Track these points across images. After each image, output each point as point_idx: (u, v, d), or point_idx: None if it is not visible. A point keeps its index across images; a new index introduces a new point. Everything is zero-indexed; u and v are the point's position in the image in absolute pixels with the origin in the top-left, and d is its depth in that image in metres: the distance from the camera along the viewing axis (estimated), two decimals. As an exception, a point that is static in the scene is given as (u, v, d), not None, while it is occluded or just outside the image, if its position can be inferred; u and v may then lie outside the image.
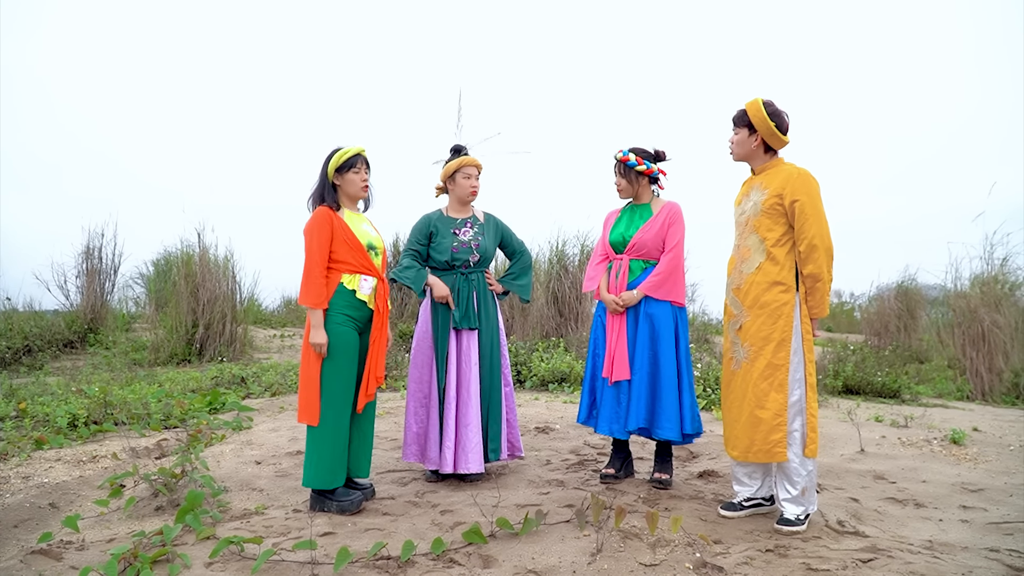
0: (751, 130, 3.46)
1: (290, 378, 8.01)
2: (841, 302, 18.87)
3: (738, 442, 3.46)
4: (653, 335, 3.92)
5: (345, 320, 3.60)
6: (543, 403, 7.01)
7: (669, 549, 2.98)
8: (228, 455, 4.72)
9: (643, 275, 3.99)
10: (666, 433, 3.83)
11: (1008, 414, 6.90)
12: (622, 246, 4.06)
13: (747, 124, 3.47)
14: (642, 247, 4.00)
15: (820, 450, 4.84)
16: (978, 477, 4.37)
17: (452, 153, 4.31)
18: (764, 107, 3.40)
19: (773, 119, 3.40)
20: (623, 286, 3.98)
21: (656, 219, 4.02)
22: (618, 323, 3.98)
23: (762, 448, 3.35)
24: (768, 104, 3.42)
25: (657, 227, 4.00)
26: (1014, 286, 9.02)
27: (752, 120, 3.43)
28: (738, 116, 3.51)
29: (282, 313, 15.30)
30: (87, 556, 2.98)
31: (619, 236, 4.08)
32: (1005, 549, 3.11)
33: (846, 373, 8.06)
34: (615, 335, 3.97)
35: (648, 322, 3.93)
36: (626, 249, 4.04)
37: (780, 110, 3.45)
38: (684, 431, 3.86)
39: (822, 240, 3.28)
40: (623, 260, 4.03)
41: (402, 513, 3.57)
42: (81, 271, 11.58)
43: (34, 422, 5.32)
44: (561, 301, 10.98)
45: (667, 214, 4.02)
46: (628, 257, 4.03)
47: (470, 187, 4.22)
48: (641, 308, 3.96)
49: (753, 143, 3.48)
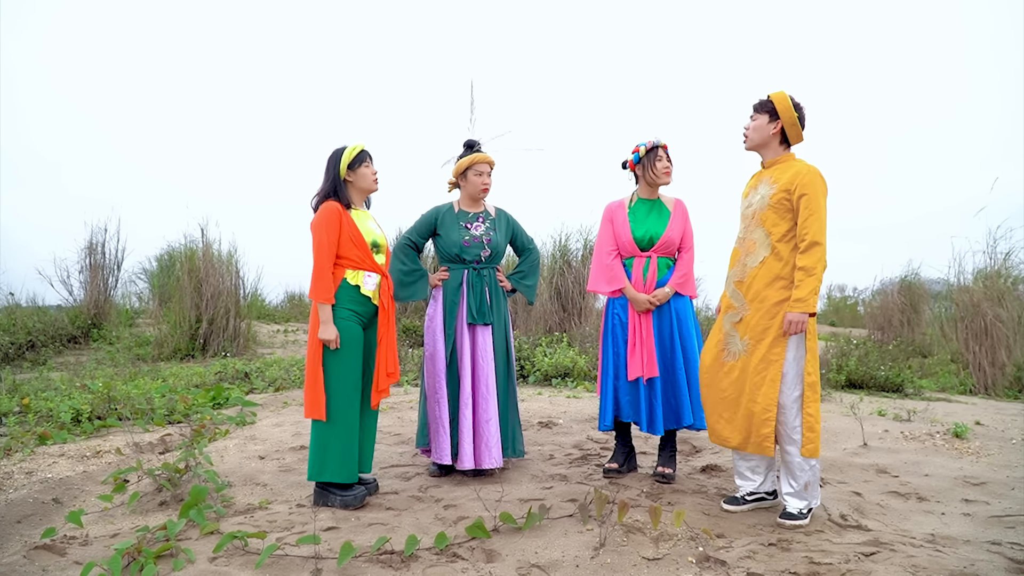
0: (772, 117, 3.45)
1: (294, 373, 8.02)
2: (844, 296, 18.86)
3: (736, 432, 3.46)
4: (682, 331, 4.01)
5: (349, 315, 3.60)
6: (546, 398, 7.01)
7: (672, 543, 2.99)
8: (232, 450, 4.73)
9: (669, 272, 4.05)
10: (701, 422, 3.94)
11: (1011, 408, 6.89)
12: (650, 244, 4.05)
13: (770, 111, 3.45)
14: (669, 245, 4.05)
15: (823, 444, 4.84)
16: (980, 471, 4.37)
17: (465, 148, 4.29)
18: (790, 99, 3.43)
19: (797, 111, 3.42)
20: (652, 284, 4.00)
21: (676, 217, 4.09)
22: (646, 321, 3.99)
23: (755, 441, 3.37)
24: (793, 98, 3.44)
25: (679, 224, 4.08)
26: (1017, 280, 9.01)
27: (777, 107, 3.42)
28: (760, 103, 3.49)
29: (285, 308, 15.32)
30: (91, 551, 2.99)
31: (646, 234, 4.05)
32: (1007, 542, 3.11)
33: (849, 367, 8.05)
34: (644, 333, 3.98)
35: (675, 317, 4.00)
36: (655, 247, 4.04)
37: (801, 105, 3.46)
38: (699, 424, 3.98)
39: (822, 237, 3.27)
40: (651, 257, 4.04)
41: (405, 508, 3.58)
42: (84, 266, 11.60)
43: (37, 417, 5.33)
44: (564, 296, 10.97)
45: (683, 212, 4.14)
46: (656, 255, 4.04)
47: (481, 184, 4.19)
48: (669, 304, 4.03)
49: (772, 131, 3.46)
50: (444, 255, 4.24)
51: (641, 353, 3.95)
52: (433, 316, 4.20)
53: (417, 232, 4.29)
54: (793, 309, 3.26)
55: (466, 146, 4.29)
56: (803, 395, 3.33)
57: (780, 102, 3.42)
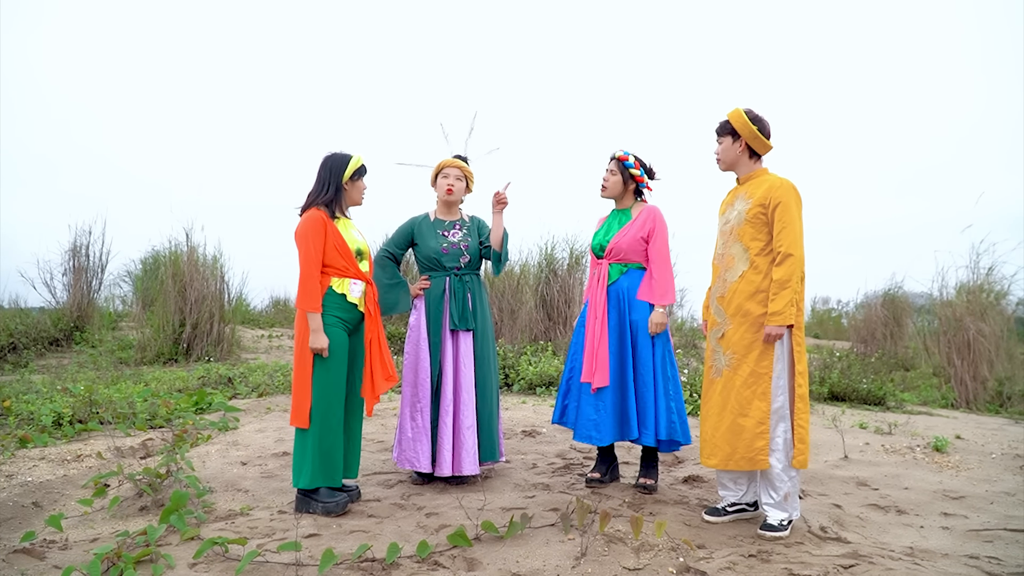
0: (734, 137, 3.52)
1: (277, 379, 7.99)
2: (828, 309, 18.97)
3: (717, 450, 3.47)
4: (634, 340, 3.98)
5: (336, 322, 3.61)
6: (530, 407, 7.02)
7: (653, 553, 3.00)
8: (214, 455, 4.71)
9: (623, 279, 4.04)
10: (645, 438, 3.88)
11: (991, 422, 6.96)
12: (602, 251, 4.11)
13: (730, 132, 3.53)
14: (619, 252, 4.05)
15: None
16: (960, 484, 4.41)
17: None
18: (745, 114, 3.47)
19: (755, 123, 3.47)
20: (603, 289, 4.03)
21: (634, 223, 4.08)
22: (600, 327, 4.00)
23: (745, 456, 3.37)
24: (748, 111, 3.49)
25: (634, 231, 4.05)
26: (999, 295, 9.09)
27: (734, 126, 3.50)
28: (720, 126, 3.58)
29: (270, 313, 15.26)
30: (70, 556, 2.97)
31: (597, 242, 4.15)
32: (985, 556, 3.14)
33: (832, 380, 8.10)
34: (597, 339, 3.98)
35: (629, 326, 3.99)
36: (605, 254, 4.08)
37: (761, 116, 3.50)
38: (659, 436, 3.89)
39: (796, 248, 3.31)
40: (603, 264, 4.09)
41: (387, 515, 3.57)
42: (68, 268, 11.50)
43: (18, 420, 5.29)
44: (550, 305, 10.98)
45: (646, 217, 4.08)
46: (607, 261, 4.08)
47: (446, 187, 4.23)
48: (627, 314, 4.00)
49: (738, 149, 3.53)
50: (424, 264, 4.27)
51: (595, 360, 3.96)
52: (416, 325, 4.20)
53: (394, 243, 4.33)
54: (770, 323, 3.30)
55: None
56: (794, 407, 3.35)
57: (736, 120, 3.49)
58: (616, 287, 4.04)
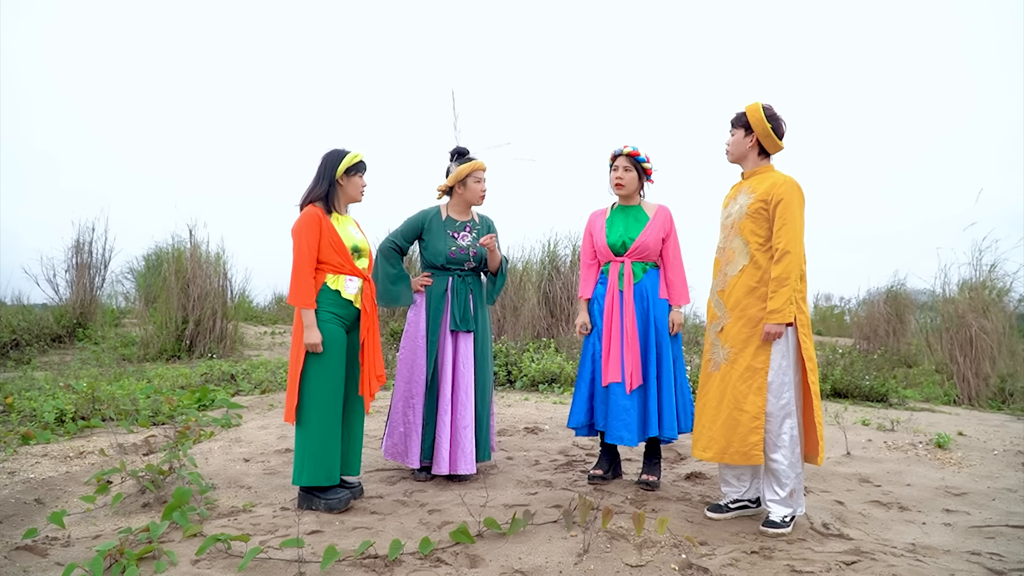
0: (747, 131, 3.51)
1: (280, 375, 7.99)
2: (831, 306, 18.94)
3: (713, 443, 3.47)
4: (660, 339, 4.00)
5: (331, 318, 3.60)
6: (533, 403, 7.02)
7: (655, 550, 3.00)
8: (216, 452, 4.72)
9: (645, 277, 4.03)
10: (670, 432, 3.92)
11: (993, 419, 6.95)
12: (624, 248, 4.05)
13: (744, 125, 3.52)
14: (644, 249, 4.03)
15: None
16: (962, 481, 4.41)
17: (455, 155, 4.27)
18: (763, 110, 3.47)
19: (770, 122, 3.46)
20: (629, 288, 3.99)
21: (655, 221, 4.07)
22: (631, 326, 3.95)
23: (739, 450, 3.38)
24: (767, 108, 3.48)
25: (656, 229, 4.05)
26: (1002, 292, 9.07)
27: (750, 120, 3.49)
28: (736, 117, 3.57)
29: (273, 310, 15.26)
30: (73, 552, 2.98)
31: (619, 239, 4.06)
32: (987, 552, 3.14)
33: (834, 376, 8.10)
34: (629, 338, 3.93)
35: (654, 325, 3.99)
36: (628, 252, 4.04)
37: (778, 115, 3.50)
38: (682, 430, 3.97)
39: (795, 246, 3.30)
40: (624, 263, 4.03)
41: (390, 512, 3.58)
42: (71, 265, 11.51)
43: (21, 417, 5.30)
44: (552, 302, 10.98)
45: (664, 217, 4.10)
46: (630, 260, 4.04)
47: (481, 191, 4.18)
48: (649, 312, 4.00)
49: (748, 144, 3.52)
50: (428, 262, 4.24)
51: (617, 359, 3.93)
52: (416, 322, 4.19)
53: (403, 235, 4.27)
54: (769, 320, 3.31)
55: (457, 154, 4.28)
56: (808, 403, 3.42)
57: (752, 114, 3.48)
58: (640, 286, 4.02)
